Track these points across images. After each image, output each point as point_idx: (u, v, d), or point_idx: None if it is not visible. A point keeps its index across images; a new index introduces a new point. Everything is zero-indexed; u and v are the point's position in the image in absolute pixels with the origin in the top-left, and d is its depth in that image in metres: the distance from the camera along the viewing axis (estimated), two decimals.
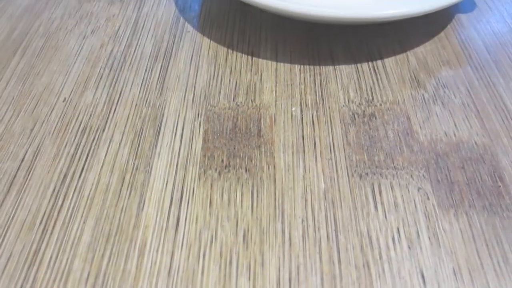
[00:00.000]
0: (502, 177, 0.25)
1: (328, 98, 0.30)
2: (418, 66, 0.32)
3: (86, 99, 0.30)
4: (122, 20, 0.37)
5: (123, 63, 0.33)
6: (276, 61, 0.33)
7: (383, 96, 0.30)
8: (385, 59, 0.33)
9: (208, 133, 0.28)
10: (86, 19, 0.37)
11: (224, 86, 0.31)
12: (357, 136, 0.27)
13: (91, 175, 0.26)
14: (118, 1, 0.39)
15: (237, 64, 0.33)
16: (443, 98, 0.30)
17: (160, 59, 0.33)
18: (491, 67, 0.32)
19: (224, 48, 0.34)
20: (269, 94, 0.30)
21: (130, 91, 0.30)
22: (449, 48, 0.34)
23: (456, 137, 0.27)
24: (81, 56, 0.34)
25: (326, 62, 0.32)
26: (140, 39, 0.35)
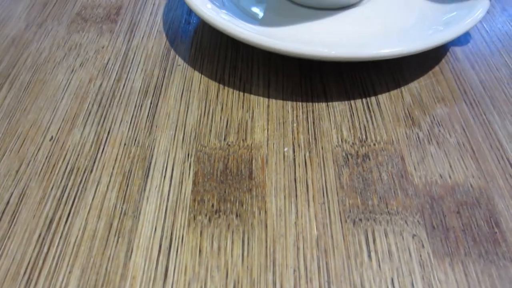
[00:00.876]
0: (498, 222, 0.25)
1: (321, 137, 0.29)
2: (413, 103, 0.31)
3: (73, 137, 0.29)
4: (112, 53, 0.36)
5: (112, 98, 0.32)
6: (268, 97, 0.32)
7: (377, 135, 0.29)
8: (379, 95, 0.32)
9: (198, 175, 0.27)
10: (75, 50, 0.36)
11: (215, 124, 0.30)
12: (350, 179, 0.27)
13: (77, 221, 0.25)
14: (108, 32, 0.38)
15: (228, 100, 0.32)
16: (438, 137, 0.29)
17: (150, 95, 0.32)
18: (486, 103, 0.31)
19: (215, 83, 0.33)
20: (261, 133, 0.29)
21: (119, 129, 0.30)
22: (444, 83, 0.33)
23: (451, 179, 0.27)
24: (69, 91, 0.33)
25: (319, 99, 0.32)
26: (129, 73, 0.34)
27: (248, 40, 0.30)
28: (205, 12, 0.32)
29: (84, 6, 0.42)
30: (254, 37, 0.30)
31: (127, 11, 0.41)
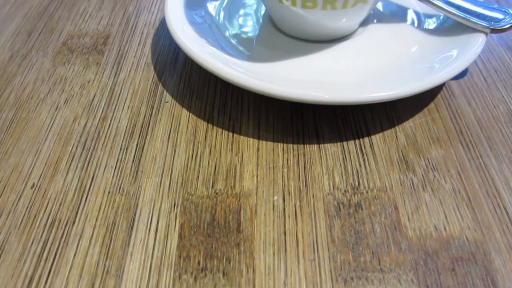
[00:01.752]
0: (495, 281, 0.24)
1: (312, 184, 0.28)
2: (407, 144, 0.30)
3: (56, 185, 0.28)
4: (98, 88, 0.35)
5: (96, 140, 0.31)
6: (258, 139, 0.31)
7: (370, 181, 0.28)
8: (372, 135, 0.31)
9: (184, 228, 0.26)
10: (59, 85, 0.35)
11: (203, 169, 0.29)
12: (342, 232, 0.25)
13: (58, 280, 0.24)
14: (94, 65, 0.37)
15: (217, 142, 0.31)
16: (433, 184, 0.28)
17: (136, 136, 0.31)
18: (483, 144, 0.30)
19: (204, 122, 0.32)
20: (250, 179, 0.28)
21: (103, 175, 0.28)
22: (439, 121, 0.32)
23: (446, 232, 0.26)
24: (52, 132, 0.32)
25: (311, 140, 0.31)
26: (115, 111, 0.33)
27: (238, 82, 0.30)
28: (193, 51, 0.31)
29: (70, 35, 0.40)
30: (244, 79, 0.30)
31: (115, 40, 0.40)
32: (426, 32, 0.36)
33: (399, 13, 0.38)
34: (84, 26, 0.42)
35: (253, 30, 0.38)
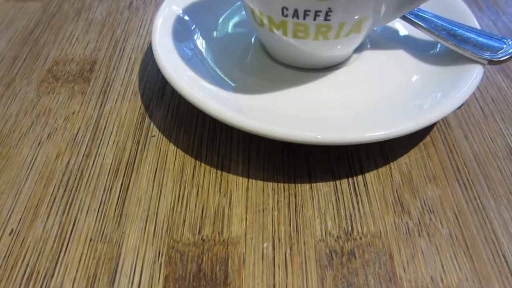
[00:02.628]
0: None
1: (304, 229, 0.27)
2: (402, 183, 0.29)
3: (35, 231, 0.27)
4: (82, 120, 0.33)
5: (79, 179, 0.29)
6: (248, 177, 0.29)
7: (363, 225, 0.27)
8: (366, 173, 0.30)
9: (169, 280, 0.24)
10: (43, 117, 0.34)
11: (190, 213, 0.27)
12: (334, 284, 0.24)
13: None
14: (80, 94, 0.35)
15: (205, 181, 0.29)
16: (429, 228, 0.27)
17: (121, 174, 0.30)
18: (481, 183, 0.29)
19: (192, 159, 0.31)
20: (239, 224, 0.27)
21: (85, 220, 0.27)
22: (435, 157, 0.31)
23: (443, 284, 0.25)
24: (34, 170, 0.30)
25: (303, 179, 0.29)
26: (100, 147, 0.31)
27: (227, 121, 0.29)
28: (181, 85, 0.31)
29: (56, 61, 0.39)
30: (234, 118, 0.29)
31: (102, 66, 0.38)
32: (421, 60, 0.35)
33: (394, 38, 0.37)
34: (71, 50, 0.40)
35: (243, 57, 0.37)
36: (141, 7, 0.46)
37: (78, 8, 0.46)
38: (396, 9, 0.33)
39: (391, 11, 0.32)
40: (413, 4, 0.32)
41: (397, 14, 0.33)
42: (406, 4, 0.32)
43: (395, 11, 0.33)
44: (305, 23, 0.29)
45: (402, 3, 0.32)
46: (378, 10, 0.30)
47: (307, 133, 0.27)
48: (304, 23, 0.29)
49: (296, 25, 0.29)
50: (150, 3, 0.46)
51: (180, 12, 0.37)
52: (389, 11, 0.32)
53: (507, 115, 0.34)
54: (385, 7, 0.31)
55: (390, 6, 0.31)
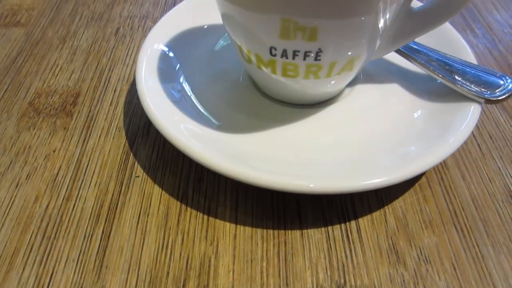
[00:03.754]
0: None
1: (294, 282, 0.25)
2: (397, 229, 0.28)
3: (10, 284, 0.25)
4: (64, 158, 0.32)
5: (59, 225, 0.28)
6: (236, 223, 0.28)
7: (357, 278, 0.25)
8: (359, 218, 0.28)
9: None
10: (22, 156, 0.32)
11: (174, 263, 0.26)
12: None
13: None
14: (62, 130, 0.34)
15: (190, 227, 0.28)
16: (426, 280, 0.25)
17: (102, 220, 0.28)
18: (479, 229, 0.28)
19: (178, 202, 0.29)
20: (226, 276, 0.25)
21: (64, 271, 0.26)
22: (431, 200, 0.29)
23: None
24: (11, 215, 0.29)
25: (293, 224, 0.28)
26: (81, 188, 0.30)
27: (215, 168, 0.28)
28: (165, 128, 0.30)
29: (38, 93, 0.37)
30: (221, 166, 0.28)
31: (86, 99, 0.37)
32: (416, 95, 0.34)
33: (388, 70, 0.36)
34: (54, 81, 0.39)
35: (232, 92, 0.36)
36: (128, 34, 0.44)
37: (63, 35, 0.44)
38: (389, 44, 0.31)
39: (384, 46, 0.31)
40: (406, 39, 0.31)
41: (390, 49, 0.32)
42: (399, 40, 0.31)
43: (388, 46, 0.32)
44: (295, 62, 0.28)
45: (395, 38, 0.31)
46: (371, 48, 0.29)
47: (298, 182, 0.26)
48: (294, 62, 0.28)
49: (286, 64, 0.28)
50: (138, 30, 0.44)
51: (165, 45, 0.35)
52: (382, 47, 0.31)
53: (506, 153, 0.33)
54: (377, 44, 0.29)
55: (383, 42, 0.29)
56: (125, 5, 0.49)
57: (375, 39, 0.28)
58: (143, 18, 0.46)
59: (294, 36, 0.25)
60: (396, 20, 0.28)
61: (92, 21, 0.46)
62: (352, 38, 0.26)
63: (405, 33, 0.31)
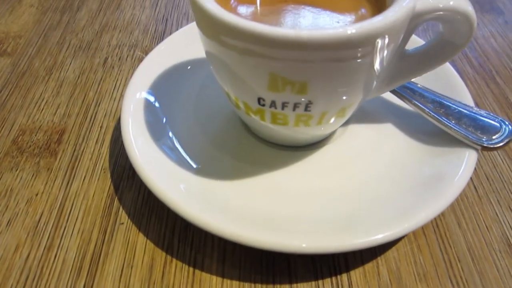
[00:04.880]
0: None
1: None
2: (391, 283, 0.27)
3: None
4: (46, 203, 0.30)
5: (39, 278, 0.27)
6: (223, 277, 0.27)
7: None
8: (351, 271, 0.27)
9: None
10: (3, 200, 0.31)
11: None
12: None
13: None
14: (45, 171, 0.32)
15: (175, 281, 0.27)
16: None
17: (84, 273, 0.27)
18: (475, 282, 0.27)
19: (163, 253, 0.28)
20: None
21: None
22: (426, 250, 0.28)
23: None
24: None
25: (282, 278, 0.27)
26: (64, 237, 0.29)
27: (201, 226, 0.27)
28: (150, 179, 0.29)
29: (22, 129, 0.36)
30: (207, 223, 0.27)
31: (71, 136, 0.36)
32: (411, 137, 0.33)
33: (382, 110, 0.36)
34: (39, 117, 0.37)
35: (220, 133, 0.35)
36: (116, 64, 0.43)
37: (50, 65, 0.43)
38: (383, 85, 0.31)
39: (378, 88, 0.30)
40: (401, 81, 0.31)
41: (385, 90, 0.31)
42: (394, 82, 0.30)
43: (382, 87, 0.31)
44: (284, 112, 0.26)
45: (390, 80, 0.30)
46: (364, 95, 0.28)
47: (290, 242, 0.25)
48: (283, 112, 0.26)
49: (275, 113, 0.27)
50: (126, 60, 0.43)
51: (151, 85, 0.34)
52: (376, 88, 0.30)
53: (503, 196, 0.32)
54: (371, 90, 0.28)
55: (377, 84, 0.28)
56: (114, 32, 0.47)
57: (368, 88, 0.27)
58: (132, 47, 0.45)
59: (282, 89, 0.24)
60: (391, 63, 0.27)
61: (79, 51, 0.45)
62: (343, 91, 0.26)
63: (400, 75, 0.30)
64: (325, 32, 0.21)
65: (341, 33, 0.21)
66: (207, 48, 0.26)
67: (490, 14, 0.50)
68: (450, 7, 0.25)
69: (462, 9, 0.25)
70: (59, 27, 0.48)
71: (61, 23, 0.49)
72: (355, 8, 0.27)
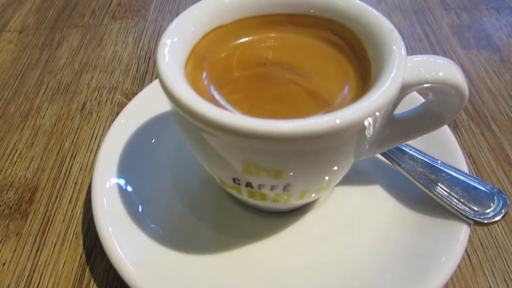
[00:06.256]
0: None
1: None
2: None
3: None
4: (14, 274, 0.29)
5: None
6: None
7: None
8: None
9: None
10: None
11: None
12: None
13: None
14: (14, 236, 0.31)
15: None
16: None
17: None
18: None
19: None
20: None
21: None
22: None
23: None
24: None
25: None
26: None
27: None
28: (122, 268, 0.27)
29: None
30: None
31: (43, 194, 0.34)
32: (399, 202, 0.31)
33: (371, 172, 0.34)
34: (11, 172, 0.35)
35: (198, 197, 0.33)
36: (95, 110, 0.41)
37: (26, 111, 0.41)
38: (370, 151, 0.29)
39: (365, 153, 0.27)
40: (388, 146, 0.29)
41: (373, 153, 0.30)
42: (381, 147, 0.29)
43: (370, 152, 0.29)
44: (261, 192, 0.24)
45: (378, 146, 0.28)
46: (348, 170, 0.26)
47: None
48: (260, 192, 0.24)
49: (251, 191, 0.24)
50: (105, 105, 0.41)
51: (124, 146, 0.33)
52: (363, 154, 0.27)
53: (498, 266, 0.30)
54: (355, 163, 0.26)
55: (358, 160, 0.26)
56: (94, 73, 0.45)
57: (352, 163, 0.26)
58: (112, 90, 0.43)
59: (257, 174, 0.22)
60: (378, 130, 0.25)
61: (57, 94, 0.43)
62: (325, 174, 0.24)
63: (388, 141, 0.29)
64: (303, 126, 0.19)
65: (322, 126, 0.19)
66: (179, 127, 0.24)
67: (486, 50, 0.47)
68: (439, 79, 0.23)
69: (452, 81, 0.23)
70: (38, 66, 0.46)
71: (39, 61, 0.47)
72: (337, 76, 0.25)
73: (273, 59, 0.26)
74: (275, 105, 0.24)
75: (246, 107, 0.23)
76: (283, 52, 0.27)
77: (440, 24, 0.51)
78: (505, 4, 0.54)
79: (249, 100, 0.24)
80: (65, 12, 0.54)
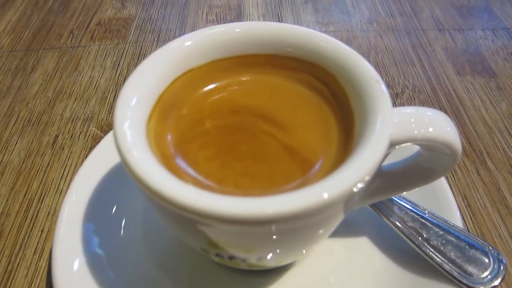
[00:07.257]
0: None
1: None
2: None
3: None
4: None
5: None
6: None
7: None
8: None
9: None
10: None
11: None
12: None
13: None
14: None
15: None
16: None
17: None
18: None
19: None
20: None
21: None
22: None
23: None
24: None
25: None
26: None
27: None
28: None
29: None
30: None
31: (6, 244, 0.31)
32: (389, 257, 0.29)
33: (358, 224, 0.31)
34: None
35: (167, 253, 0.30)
36: (67, 144, 0.38)
37: None
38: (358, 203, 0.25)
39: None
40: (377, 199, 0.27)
41: (361, 205, 0.28)
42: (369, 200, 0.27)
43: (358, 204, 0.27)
44: (233, 261, 0.21)
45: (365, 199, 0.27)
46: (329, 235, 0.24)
47: None
48: (232, 261, 0.21)
49: (222, 260, 0.22)
50: (78, 138, 0.38)
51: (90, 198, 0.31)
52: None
53: None
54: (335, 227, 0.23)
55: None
56: (68, 101, 0.42)
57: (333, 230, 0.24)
58: (86, 121, 0.40)
59: (226, 249, 0.20)
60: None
61: (28, 125, 0.40)
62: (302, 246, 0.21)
63: (375, 194, 0.26)
64: (283, 206, 0.17)
65: (308, 203, 0.18)
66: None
67: (482, 76, 0.45)
68: (429, 136, 0.21)
69: (443, 138, 0.21)
70: (9, 93, 0.43)
71: (11, 88, 0.44)
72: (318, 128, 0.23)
73: (249, 106, 0.24)
74: (249, 163, 0.22)
75: (216, 166, 0.21)
76: (260, 97, 0.24)
77: (434, 46, 0.49)
78: (501, 24, 0.51)
79: (220, 157, 0.22)
80: (42, 32, 0.51)
